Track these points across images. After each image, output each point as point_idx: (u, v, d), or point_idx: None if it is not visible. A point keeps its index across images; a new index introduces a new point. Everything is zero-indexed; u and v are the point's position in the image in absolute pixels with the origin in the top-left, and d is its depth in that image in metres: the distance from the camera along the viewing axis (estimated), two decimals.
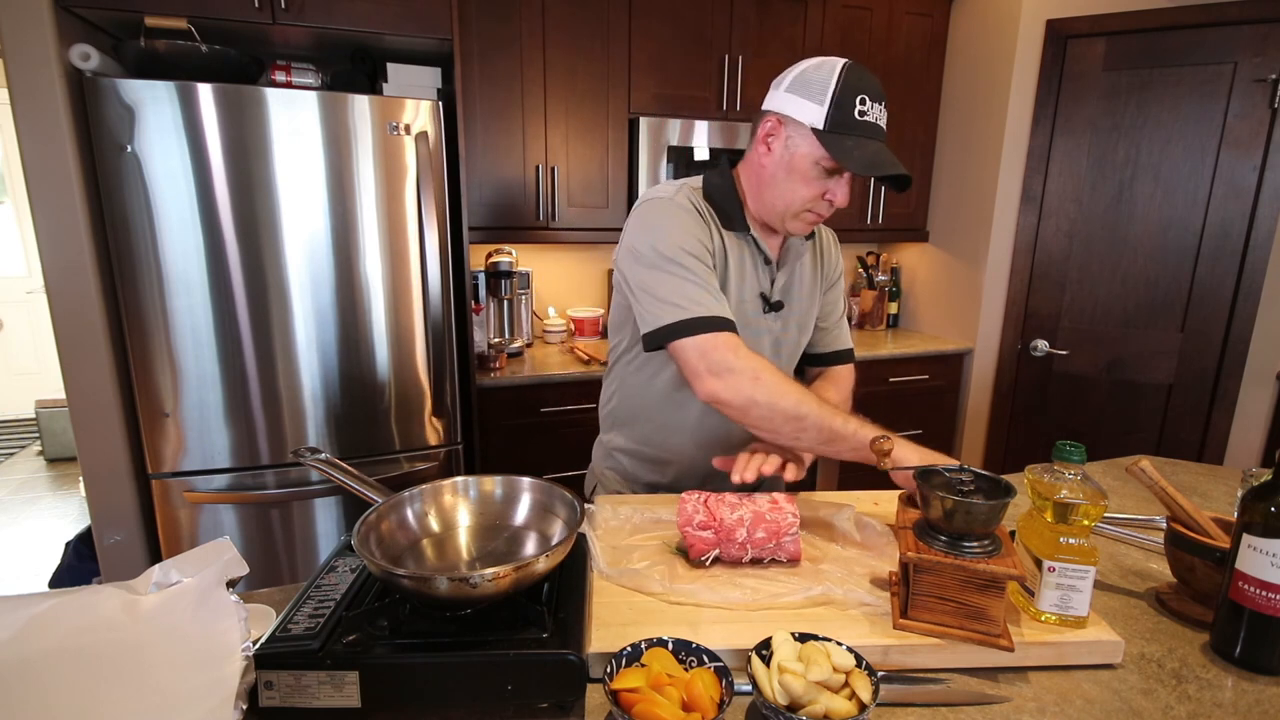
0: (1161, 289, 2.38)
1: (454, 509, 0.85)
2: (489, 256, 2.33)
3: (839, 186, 1.02)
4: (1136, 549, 1.06)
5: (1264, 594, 0.74)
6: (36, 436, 4.18)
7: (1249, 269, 2.25)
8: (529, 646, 0.65)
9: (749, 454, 1.02)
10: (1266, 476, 0.79)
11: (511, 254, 2.35)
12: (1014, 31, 2.47)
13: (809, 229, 1.09)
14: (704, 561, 0.90)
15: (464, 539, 0.83)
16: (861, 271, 3.09)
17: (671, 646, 0.69)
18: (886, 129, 1.00)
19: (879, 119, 0.98)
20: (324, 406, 1.90)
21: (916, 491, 0.80)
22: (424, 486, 0.85)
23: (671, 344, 0.99)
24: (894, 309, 3.14)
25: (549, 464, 2.25)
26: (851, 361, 1.30)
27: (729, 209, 1.10)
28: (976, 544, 0.74)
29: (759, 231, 1.11)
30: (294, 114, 1.72)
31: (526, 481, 0.87)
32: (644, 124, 2.36)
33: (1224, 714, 0.69)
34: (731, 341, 0.98)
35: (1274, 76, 2.13)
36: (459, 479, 0.87)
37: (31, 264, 4.47)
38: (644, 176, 2.40)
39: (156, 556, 1.88)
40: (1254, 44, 2.15)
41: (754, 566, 0.90)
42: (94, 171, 1.65)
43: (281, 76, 1.93)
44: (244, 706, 0.56)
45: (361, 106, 1.77)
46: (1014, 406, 2.70)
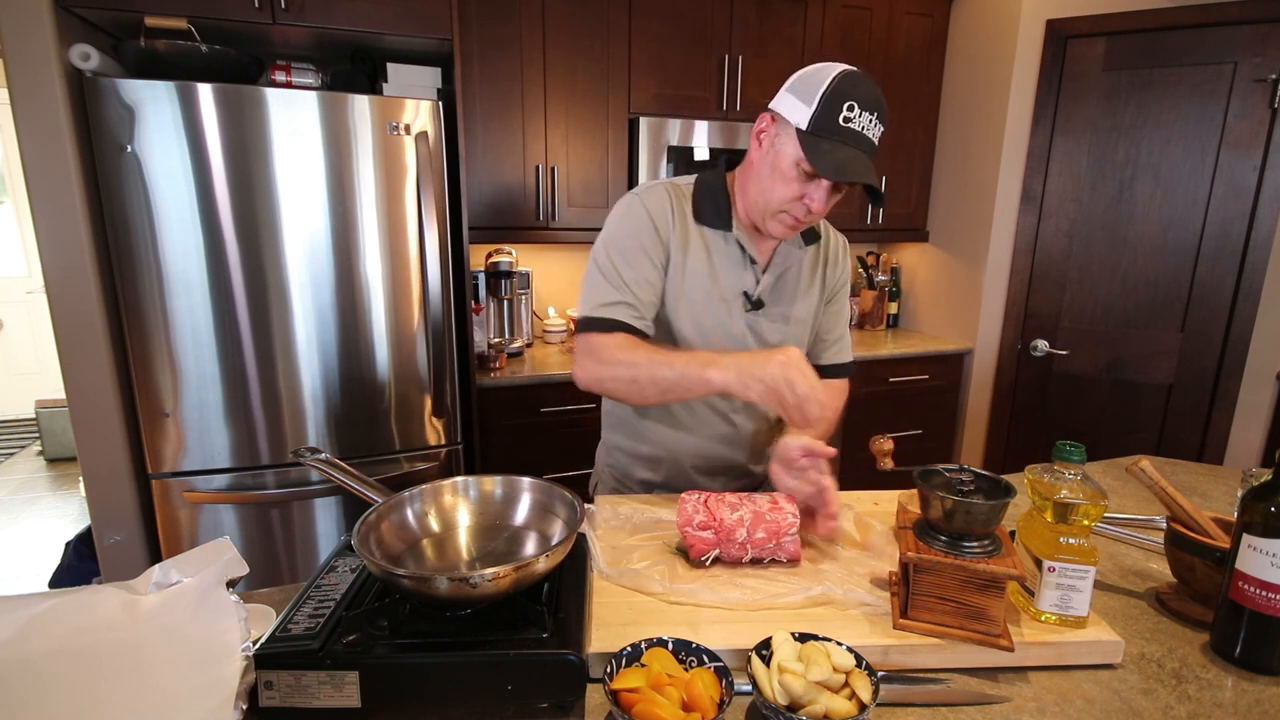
0: (1161, 289, 2.38)
1: (454, 509, 0.85)
2: (489, 256, 2.33)
3: (816, 192, 0.99)
4: (1136, 549, 1.06)
5: (1264, 594, 0.74)
6: (36, 436, 4.18)
7: (1249, 269, 2.25)
8: (529, 646, 0.65)
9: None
10: (1266, 476, 0.79)
11: (511, 254, 2.36)
12: (1014, 31, 2.47)
13: (789, 233, 1.07)
14: (704, 561, 0.90)
15: (464, 539, 0.83)
16: (861, 271, 3.09)
17: (671, 646, 0.69)
18: (880, 138, 0.98)
19: (866, 128, 0.95)
20: (324, 406, 1.90)
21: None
22: (424, 486, 0.85)
23: (576, 335, 1.11)
24: (894, 309, 3.14)
25: (549, 464, 2.25)
26: (848, 376, 1.29)
27: (715, 206, 1.11)
28: (976, 544, 0.75)
29: (745, 231, 1.12)
30: (294, 114, 1.72)
31: (526, 481, 0.87)
32: (644, 124, 2.36)
33: (1224, 714, 0.69)
34: (611, 341, 1.04)
35: (1274, 76, 2.13)
36: (459, 479, 0.87)
37: (31, 264, 4.47)
38: (644, 176, 2.40)
39: (156, 556, 1.88)
40: (1254, 44, 2.15)
41: (754, 566, 0.90)
42: (94, 171, 1.65)
43: (281, 76, 1.93)
44: (244, 706, 0.56)
45: (361, 106, 1.77)
46: (1014, 406, 2.70)
